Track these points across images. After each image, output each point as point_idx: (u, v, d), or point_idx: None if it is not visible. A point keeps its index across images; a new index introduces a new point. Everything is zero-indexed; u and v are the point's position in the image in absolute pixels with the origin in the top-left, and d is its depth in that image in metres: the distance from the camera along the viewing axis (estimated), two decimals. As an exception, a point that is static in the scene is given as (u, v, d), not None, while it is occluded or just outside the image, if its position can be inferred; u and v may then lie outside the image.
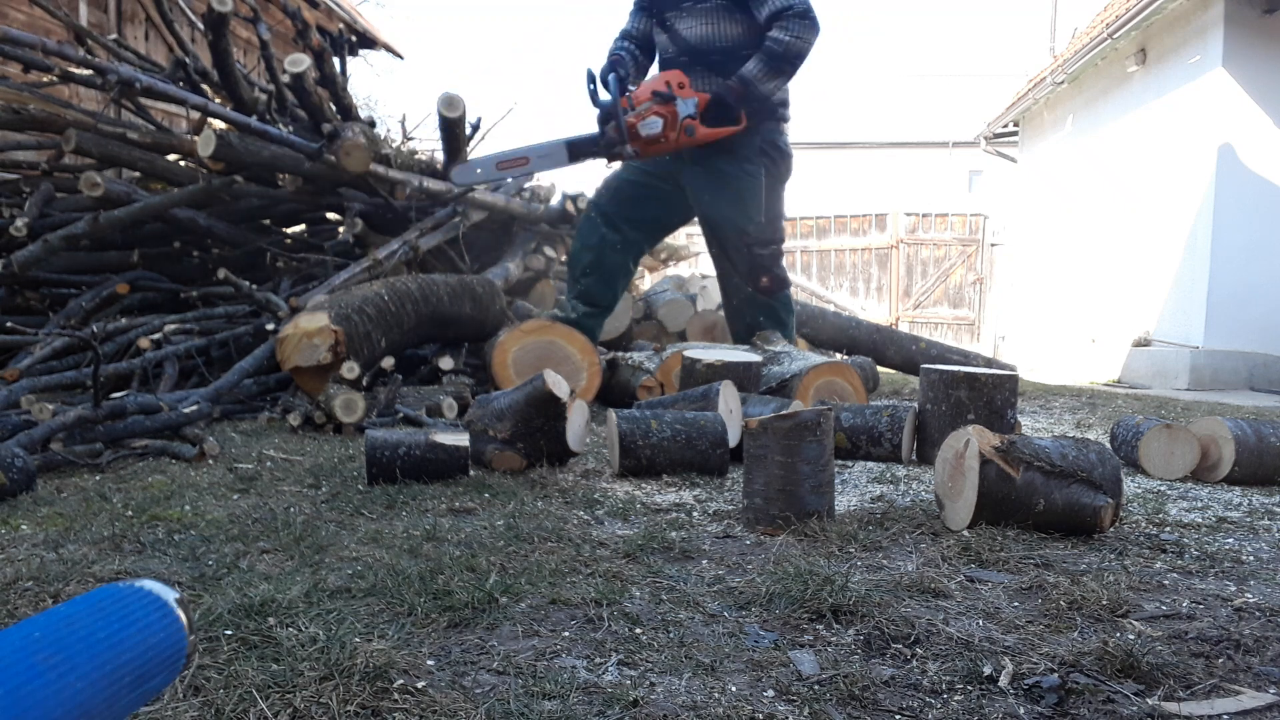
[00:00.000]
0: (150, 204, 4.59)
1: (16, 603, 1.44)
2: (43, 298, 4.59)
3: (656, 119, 3.97)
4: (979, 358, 5.89)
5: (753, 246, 4.25)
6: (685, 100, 3.99)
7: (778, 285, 4.34)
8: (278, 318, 4.06)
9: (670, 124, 3.98)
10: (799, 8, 3.94)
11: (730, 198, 4.20)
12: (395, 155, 5.20)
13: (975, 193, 20.22)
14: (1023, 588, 1.64)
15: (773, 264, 4.32)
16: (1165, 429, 2.85)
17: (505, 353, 4.00)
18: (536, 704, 1.13)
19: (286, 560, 1.74)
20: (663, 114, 3.97)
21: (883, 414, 3.03)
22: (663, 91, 3.98)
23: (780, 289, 4.36)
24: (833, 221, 14.88)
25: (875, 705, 1.17)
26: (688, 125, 3.99)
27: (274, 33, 6.10)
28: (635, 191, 4.39)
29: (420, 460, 2.44)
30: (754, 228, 4.22)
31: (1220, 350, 7.76)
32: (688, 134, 4.01)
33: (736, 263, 4.31)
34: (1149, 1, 8.14)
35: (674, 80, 4.02)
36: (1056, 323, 11.02)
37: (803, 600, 1.50)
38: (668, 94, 3.97)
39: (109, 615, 0.84)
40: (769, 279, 4.30)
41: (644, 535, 1.95)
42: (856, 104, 22.80)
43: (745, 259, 4.28)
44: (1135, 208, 9.14)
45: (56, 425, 2.66)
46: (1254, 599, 1.61)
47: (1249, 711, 1.16)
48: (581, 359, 4.07)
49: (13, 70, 5.63)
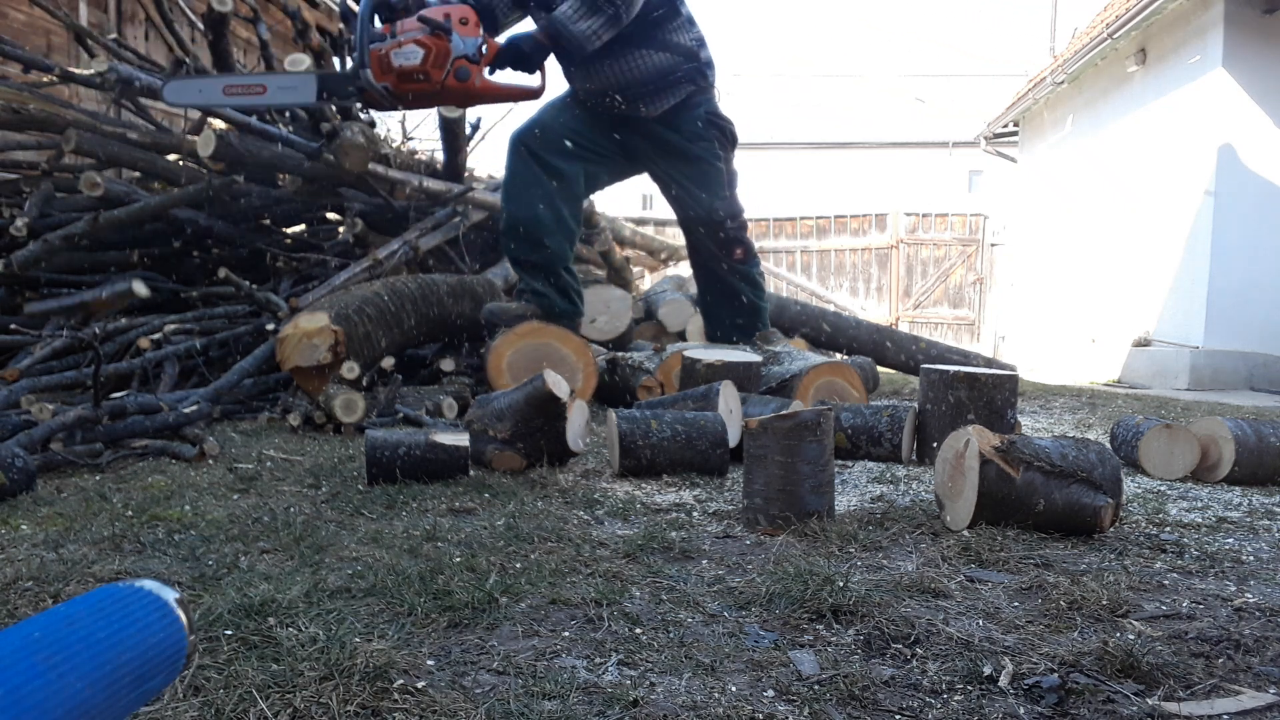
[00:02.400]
0: (150, 204, 4.59)
1: (16, 603, 1.44)
2: (43, 298, 4.58)
3: (416, 49, 3.32)
4: (979, 358, 5.89)
5: (724, 222, 4.27)
6: (465, 38, 3.37)
7: (748, 256, 4.41)
8: (278, 318, 4.06)
9: (435, 59, 3.34)
10: None
11: (693, 177, 4.20)
12: (395, 155, 5.20)
13: (975, 193, 20.22)
14: (1023, 588, 1.64)
15: (742, 234, 4.37)
16: (1165, 429, 2.85)
17: (500, 357, 3.98)
18: (536, 704, 1.13)
19: (286, 560, 1.74)
20: (427, 45, 3.33)
21: (883, 414, 3.03)
22: (436, 20, 3.35)
23: (751, 258, 4.44)
24: (833, 221, 14.88)
25: (875, 705, 1.17)
26: (460, 67, 3.37)
27: (274, 33, 6.10)
28: (567, 135, 4.09)
29: (420, 460, 2.44)
30: (721, 203, 4.24)
31: (1220, 350, 7.76)
32: (459, 78, 3.38)
33: (712, 239, 4.33)
34: (1149, 1, 8.15)
35: (456, 14, 3.41)
36: (1056, 323, 11.02)
37: (803, 600, 1.50)
38: (442, 24, 3.35)
39: (109, 615, 0.84)
40: (742, 249, 4.36)
41: (644, 535, 1.95)
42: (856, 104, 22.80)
43: (716, 235, 4.30)
44: (1135, 208, 9.14)
45: (56, 425, 2.66)
46: (1254, 599, 1.61)
47: (1249, 711, 1.16)
48: (577, 360, 4.05)
49: (13, 70, 5.63)
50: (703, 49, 4.09)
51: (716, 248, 4.35)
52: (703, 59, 4.07)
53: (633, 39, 3.89)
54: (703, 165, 4.18)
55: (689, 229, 4.43)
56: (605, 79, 3.99)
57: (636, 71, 3.95)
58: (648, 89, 4.00)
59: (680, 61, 4.00)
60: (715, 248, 4.36)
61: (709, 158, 4.18)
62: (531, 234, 4.09)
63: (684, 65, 4.01)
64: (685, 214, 4.35)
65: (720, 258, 4.37)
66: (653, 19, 3.90)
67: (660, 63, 3.96)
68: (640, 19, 3.83)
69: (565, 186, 4.11)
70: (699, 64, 4.06)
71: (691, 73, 4.04)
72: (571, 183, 4.12)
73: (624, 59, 3.92)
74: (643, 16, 3.84)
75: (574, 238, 4.28)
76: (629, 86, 3.99)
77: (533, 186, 4.07)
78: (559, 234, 4.12)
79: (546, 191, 4.07)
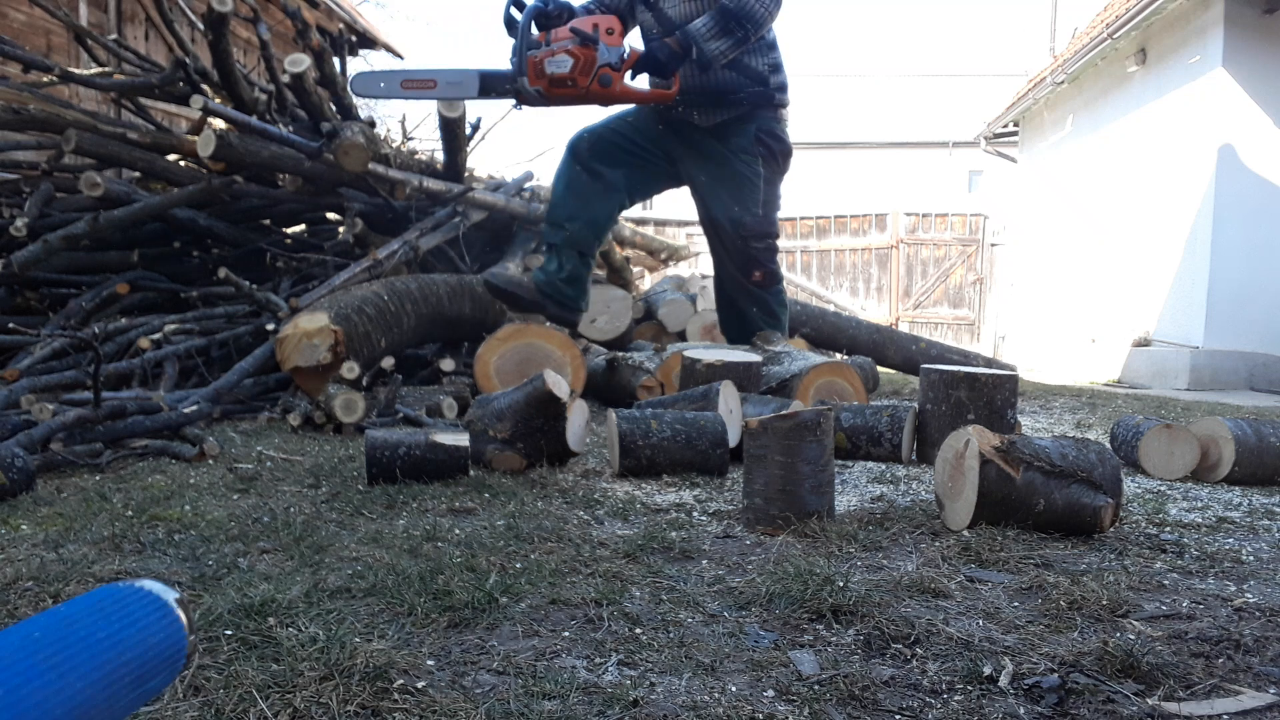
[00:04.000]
0: (150, 204, 4.59)
1: (16, 603, 1.44)
2: (43, 298, 4.59)
3: (566, 58, 3.64)
4: (979, 358, 5.89)
5: (748, 239, 4.22)
6: (609, 47, 3.67)
7: (770, 280, 4.32)
8: (278, 318, 4.06)
9: (582, 67, 3.65)
10: None
11: (728, 187, 4.19)
12: (395, 155, 5.20)
13: (975, 193, 20.23)
14: (1023, 588, 1.64)
15: (767, 259, 4.29)
16: (1165, 429, 2.85)
17: (486, 364, 3.95)
18: (536, 704, 1.13)
19: (286, 560, 1.74)
20: (576, 55, 3.64)
21: (883, 414, 3.03)
22: (584, 31, 3.66)
23: (772, 284, 4.34)
24: (833, 221, 14.88)
25: (875, 705, 1.17)
26: (604, 74, 3.68)
27: (274, 33, 6.10)
28: (617, 145, 4.30)
29: (420, 460, 2.44)
30: (750, 219, 4.19)
31: (1220, 350, 7.76)
32: (602, 84, 3.70)
33: (731, 253, 4.29)
34: (1149, 1, 8.15)
35: (604, 24, 3.72)
36: (1056, 323, 11.02)
37: (803, 600, 1.50)
38: (590, 35, 3.66)
39: (109, 615, 0.84)
40: (762, 273, 4.28)
41: (644, 535, 1.95)
42: (856, 104, 22.81)
43: (739, 251, 4.25)
44: (1135, 208, 9.14)
45: (56, 425, 2.66)
46: (1254, 599, 1.61)
47: (1249, 711, 1.16)
48: (563, 354, 4.03)
49: (13, 70, 5.63)
50: (775, 74, 4.15)
51: (736, 263, 4.30)
52: (772, 84, 4.14)
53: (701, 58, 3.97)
54: (740, 178, 4.19)
55: (713, 239, 4.39)
56: None
57: (701, 82, 4.06)
58: (707, 100, 4.11)
59: (746, 83, 4.08)
60: (734, 263, 4.30)
61: (748, 172, 4.19)
62: (557, 220, 4.28)
63: (749, 87, 4.09)
64: (712, 225, 4.32)
65: (738, 275, 4.31)
66: None
67: (726, 80, 4.06)
68: None
69: (605, 188, 4.28)
70: (767, 89, 4.12)
71: (756, 96, 4.11)
72: (610, 186, 4.29)
73: (692, 67, 4.01)
74: None
75: (600, 234, 4.38)
76: (689, 93, 4.09)
77: (569, 180, 4.28)
78: (582, 221, 4.25)
79: (580, 186, 4.25)
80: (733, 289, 4.38)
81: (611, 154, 4.28)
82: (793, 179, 4.54)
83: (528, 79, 3.70)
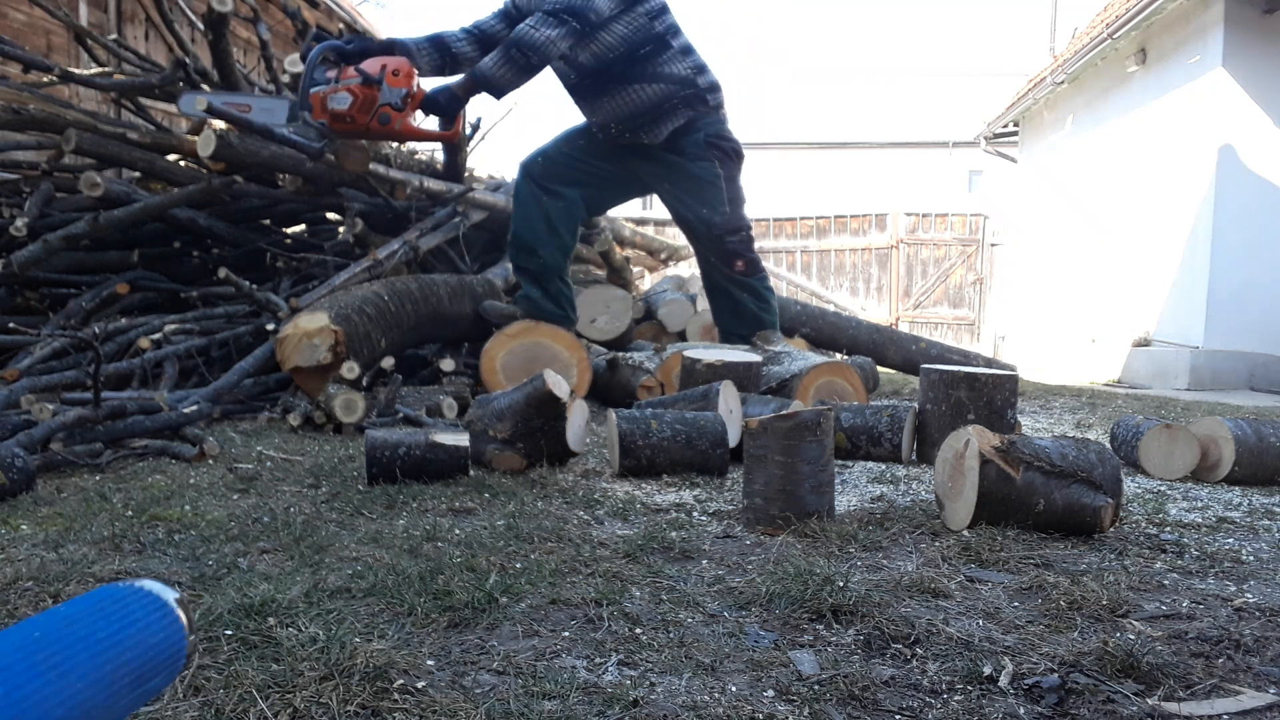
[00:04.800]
0: (150, 204, 4.59)
1: (16, 603, 1.44)
2: (43, 298, 4.58)
3: (346, 95, 3.81)
4: (979, 358, 5.89)
5: (723, 236, 4.42)
6: (392, 88, 3.84)
7: (750, 268, 4.54)
8: (278, 318, 4.06)
9: (361, 106, 3.83)
10: (549, 5, 3.92)
11: (692, 192, 4.41)
12: (395, 155, 5.20)
13: (975, 193, 20.21)
14: (1023, 588, 1.64)
15: (744, 249, 4.50)
16: (1165, 429, 2.85)
17: (493, 359, 3.98)
18: (536, 704, 1.13)
19: (286, 560, 1.74)
20: (356, 93, 3.81)
21: (883, 414, 3.03)
22: (369, 72, 3.84)
23: (755, 271, 4.56)
24: (833, 221, 14.87)
25: (875, 705, 1.17)
26: (383, 113, 3.86)
27: (274, 33, 6.10)
28: (570, 165, 4.50)
29: (420, 460, 2.44)
30: (720, 218, 4.40)
31: (1220, 350, 7.76)
32: (381, 122, 3.87)
33: (710, 250, 4.52)
34: (1149, 1, 8.14)
35: (393, 66, 3.87)
36: (1056, 323, 11.02)
37: (803, 600, 1.50)
38: (374, 76, 3.84)
39: (109, 615, 0.84)
40: (743, 263, 4.50)
41: (644, 535, 1.95)
42: (856, 104, 22.80)
43: (718, 247, 4.47)
44: (1135, 208, 9.14)
45: (56, 425, 2.66)
46: (1254, 599, 1.61)
47: (1249, 711, 1.16)
48: (570, 356, 4.05)
49: (13, 70, 5.63)
50: (701, 75, 4.31)
51: (717, 258, 4.52)
52: (701, 85, 4.30)
53: (625, 76, 4.19)
54: (702, 182, 4.39)
55: (692, 240, 4.64)
56: (606, 113, 4.32)
57: (632, 105, 4.25)
58: (646, 119, 4.29)
59: (676, 89, 4.24)
60: (716, 258, 4.53)
61: (708, 176, 4.38)
62: (528, 246, 4.51)
63: (680, 93, 4.25)
64: (687, 227, 4.56)
65: (722, 267, 4.53)
66: (640, 56, 4.18)
67: (655, 94, 4.23)
68: (629, 58, 4.16)
69: (564, 208, 4.50)
70: (696, 90, 4.29)
71: (689, 99, 4.27)
72: (570, 205, 4.52)
73: (619, 94, 4.23)
74: (630, 55, 4.15)
75: (568, 252, 4.62)
76: (628, 118, 4.30)
77: (532, 206, 4.49)
78: (553, 247, 4.50)
79: (544, 211, 4.47)
80: (720, 280, 4.60)
81: (565, 174, 4.50)
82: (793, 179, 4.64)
83: (311, 113, 3.90)
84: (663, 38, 4.20)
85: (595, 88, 4.25)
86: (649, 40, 4.17)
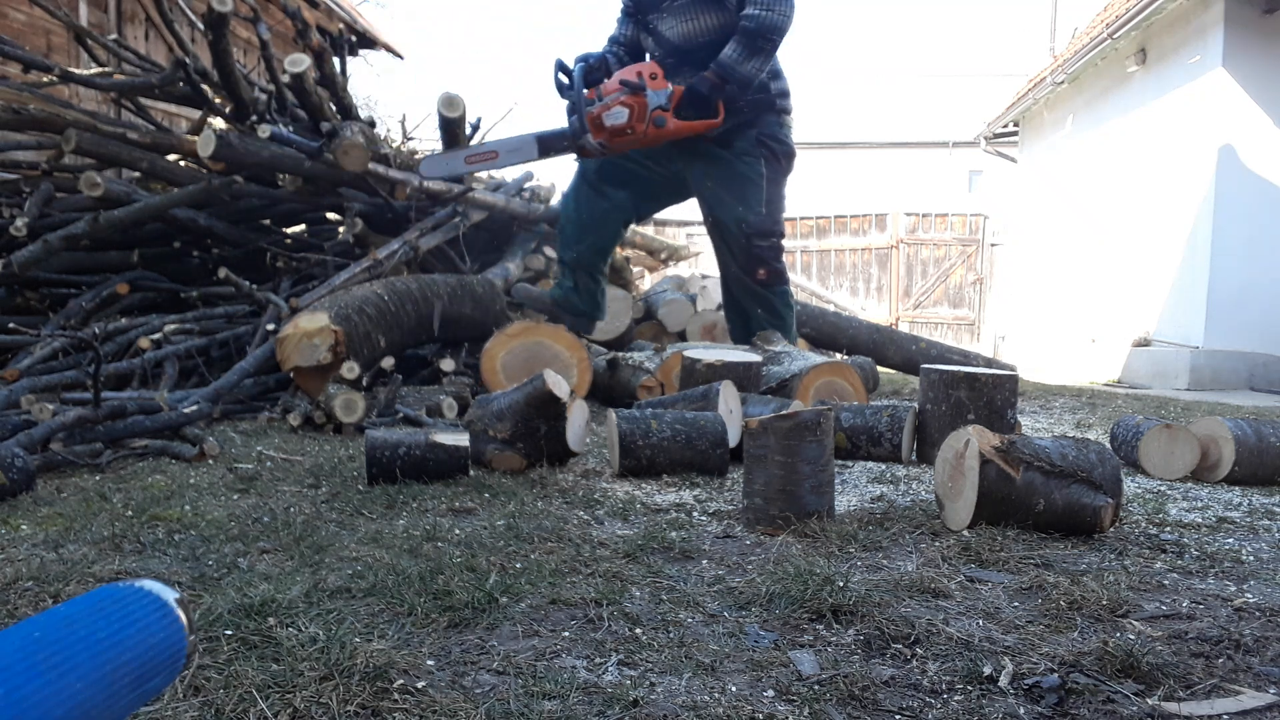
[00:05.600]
0: (150, 204, 4.59)
1: (16, 603, 1.44)
2: (43, 298, 4.58)
3: (622, 109, 3.91)
4: (979, 358, 5.89)
5: (752, 237, 4.33)
6: (656, 91, 3.93)
7: (774, 279, 4.42)
8: (278, 317, 4.06)
9: (637, 115, 3.92)
10: None
11: (731, 188, 4.33)
12: (395, 155, 5.20)
13: (975, 193, 20.20)
14: (1023, 588, 1.64)
15: (771, 257, 4.39)
16: (1165, 429, 2.85)
17: (493, 359, 3.97)
18: (536, 704, 1.13)
19: (286, 560, 1.74)
20: (630, 104, 3.92)
21: (883, 414, 3.03)
22: (632, 81, 3.93)
23: (777, 283, 4.43)
24: (833, 221, 14.88)
25: (875, 705, 1.17)
26: (657, 116, 3.94)
27: (274, 33, 6.10)
28: (623, 165, 4.51)
29: (420, 460, 2.44)
30: (754, 217, 4.32)
31: (1220, 350, 7.76)
32: (657, 125, 3.96)
33: (735, 253, 4.40)
34: (1149, 1, 8.14)
35: (646, 71, 3.97)
36: (1056, 323, 11.02)
37: (803, 600, 1.50)
38: (637, 84, 3.92)
39: (109, 615, 0.84)
40: (766, 271, 4.38)
41: (644, 535, 1.95)
42: (856, 104, 22.80)
43: (744, 249, 4.36)
44: (1135, 208, 9.14)
45: (56, 425, 2.66)
46: (1254, 599, 1.61)
47: (1249, 711, 1.16)
48: (570, 355, 4.05)
49: (13, 70, 5.63)
50: (775, 80, 4.33)
51: (740, 262, 4.40)
52: (773, 90, 4.31)
53: (706, 64, 4.14)
54: (742, 178, 4.33)
55: (715, 237, 4.50)
56: None
57: None
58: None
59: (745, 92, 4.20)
60: (739, 262, 4.41)
61: (752, 174, 4.34)
62: (569, 239, 4.61)
63: (749, 95, 4.22)
64: (714, 216, 4.44)
65: (743, 274, 4.42)
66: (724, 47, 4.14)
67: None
68: (713, 45, 4.11)
69: (608, 209, 4.57)
70: (768, 94, 4.29)
71: (757, 103, 4.27)
72: (615, 207, 4.58)
73: None
74: (717, 44, 4.10)
75: (606, 253, 4.68)
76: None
77: (579, 202, 4.58)
78: (589, 244, 4.58)
79: (590, 209, 4.56)
80: (738, 290, 4.49)
81: (618, 175, 4.51)
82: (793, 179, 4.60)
83: (590, 135, 3.97)
84: None
85: (673, 69, 4.20)
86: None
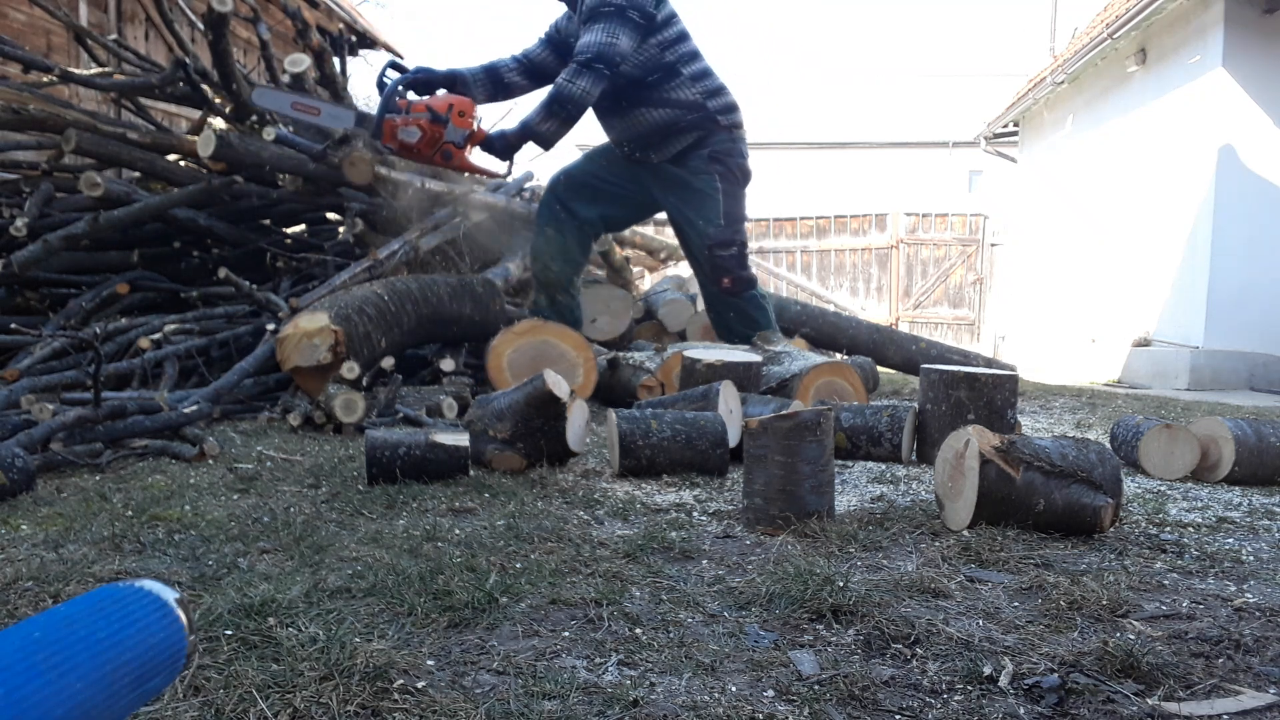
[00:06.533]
0: (150, 204, 4.58)
1: (16, 603, 1.44)
2: (43, 298, 4.58)
3: (415, 130, 4.11)
4: (979, 358, 5.89)
5: (714, 249, 4.52)
6: (457, 129, 4.16)
7: (740, 286, 4.59)
8: (278, 318, 4.06)
9: (427, 141, 4.12)
10: (582, 57, 4.13)
11: (690, 203, 4.55)
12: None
13: (975, 193, 20.20)
14: (1023, 588, 1.64)
15: (735, 265, 4.56)
16: (1165, 429, 2.85)
17: (500, 356, 4.00)
18: (536, 704, 1.13)
19: (286, 560, 1.74)
20: (424, 129, 4.12)
21: (883, 414, 3.03)
22: (438, 112, 4.14)
23: (743, 290, 4.60)
24: (833, 221, 14.87)
25: (875, 705, 1.17)
26: (446, 150, 4.17)
27: (274, 33, 6.10)
28: (591, 183, 4.74)
29: (420, 460, 2.44)
30: (714, 230, 4.51)
31: (1220, 350, 7.76)
32: (444, 157, 4.20)
33: (701, 263, 4.63)
34: (1149, 1, 8.14)
35: (460, 106, 4.17)
36: (1056, 323, 11.02)
37: (803, 600, 1.50)
38: (441, 117, 4.14)
39: (109, 615, 0.84)
40: (730, 280, 4.56)
41: (644, 535, 1.95)
42: (857, 104, 22.80)
43: (708, 260, 4.56)
44: (1135, 208, 9.14)
45: (56, 425, 2.66)
46: (1254, 599, 1.61)
47: (1249, 711, 1.16)
48: (576, 355, 4.07)
49: (13, 70, 5.63)
50: (711, 99, 4.47)
51: (706, 272, 4.63)
52: (710, 108, 4.46)
53: (635, 99, 4.41)
54: (701, 194, 4.53)
55: (685, 252, 4.80)
56: (618, 131, 4.59)
57: (640, 126, 4.48)
58: (654, 139, 4.51)
59: (682, 114, 4.44)
60: (705, 273, 4.65)
61: (707, 189, 4.53)
62: (542, 258, 4.78)
63: (687, 117, 4.44)
64: (680, 232, 4.72)
65: (710, 284, 4.65)
66: (649, 83, 4.39)
67: (661, 118, 4.43)
68: (638, 83, 4.38)
69: (578, 227, 4.75)
70: (706, 113, 4.45)
71: (698, 121, 4.46)
72: (586, 224, 4.77)
73: (628, 116, 4.47)
74: (639, 81, 4.37)
75: (579, 268, 4.85)
76: (636, 139, 4.54)
77: (552, 222, 4.75)
78: (563, 261, 4.73)
79: (562, 227, 4.73)
80: (711, 299, 4.75)
81: (586, 192, 4.75)
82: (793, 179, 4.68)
83: (382, 139, 4.21)
84: (673, 66, 4.38)
85: (608, 108, 4.48)
86: (657, 69, 4.37)
